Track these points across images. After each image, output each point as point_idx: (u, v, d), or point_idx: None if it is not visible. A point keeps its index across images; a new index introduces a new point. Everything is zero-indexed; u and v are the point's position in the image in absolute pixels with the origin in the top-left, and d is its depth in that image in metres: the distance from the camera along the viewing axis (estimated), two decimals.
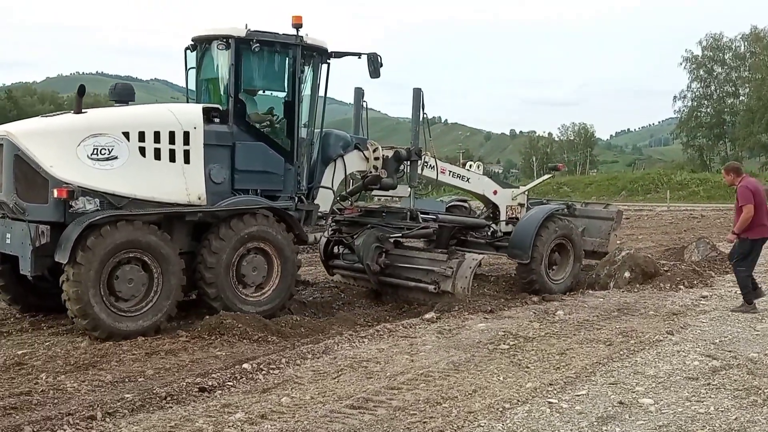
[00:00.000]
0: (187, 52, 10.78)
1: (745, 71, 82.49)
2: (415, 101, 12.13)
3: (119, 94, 10.02)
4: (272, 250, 9.92)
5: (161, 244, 9.01)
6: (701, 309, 10.20)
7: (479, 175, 13.40)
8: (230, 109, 10.03)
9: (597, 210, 14.59)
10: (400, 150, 12.05)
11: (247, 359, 7.52)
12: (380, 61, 10.86)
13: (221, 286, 9.46)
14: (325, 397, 6.29)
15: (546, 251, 12.21)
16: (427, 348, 7.98)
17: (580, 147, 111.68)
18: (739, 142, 79.86)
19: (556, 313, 9.83)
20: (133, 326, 8.76)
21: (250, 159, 10.11)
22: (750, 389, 6.46)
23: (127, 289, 8.81)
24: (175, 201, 9.40)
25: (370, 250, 11.45)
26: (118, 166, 8.99)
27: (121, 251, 8.73)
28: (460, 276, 10.73)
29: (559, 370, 7.13)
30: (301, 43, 10.33)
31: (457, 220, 13.12)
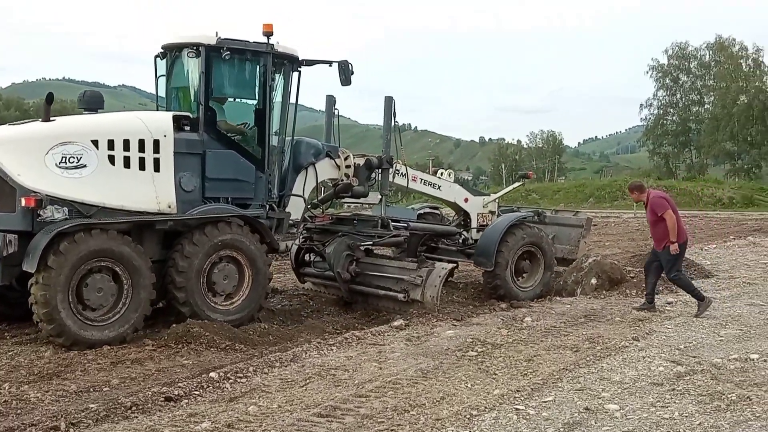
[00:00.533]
0: (157, 59, 10.70)
1: (709, 80, 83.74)
2: (387, 110, 12.14)
3: (88, 102, 9.92)
4: (244, 259, 9.84)
5: (133, 255, 8.92)
6: (666, 315, 10.33)
7: (450, 183, 13.44)
8: (200, 117, 9.96)
9: (566, 217, 14.68)
10: (371, 158, 12.04)
11: (214, 368, 7.47)
12: (351, 69, 10.85)
13: (191, 291, 9.33)
14: (293, 405, 6.26)
15: (512, 258, 12.17)
16: (396, 355, 7.99)
17: (548, 154, 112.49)
18: (704, 149, 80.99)
19: (524, 320, 9.89)
20: (98, 335, 8.63)
21: (220, 167, 10.05)
22: (714, 394, 6.54)
23: (95, 298, 8.70)
24: (144, 209, 9.32)
25: (340, 258, 11.39)
26: (86, 174, 8.92)
27: (93, 259, 8.64)
28: (429, 285, 10.68)
29: (527, 377, 7.18)
30: (272, 51, 10.29)
31: (428, 227, 13.09)
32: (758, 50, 79.36)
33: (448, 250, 13.17)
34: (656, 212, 10.41)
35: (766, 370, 7.42)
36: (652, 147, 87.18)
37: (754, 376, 7.17)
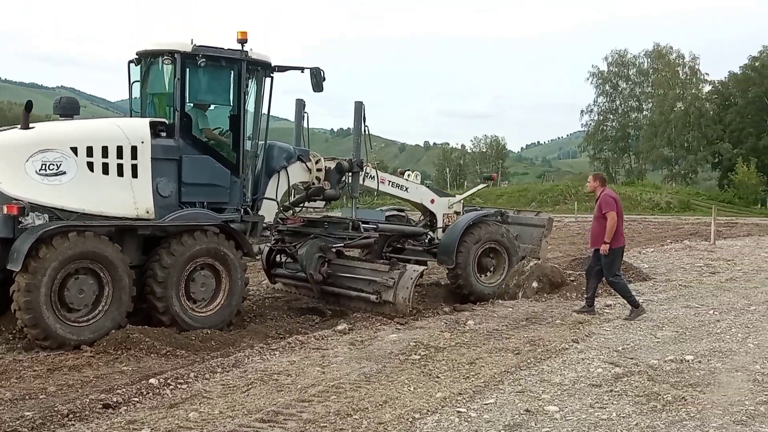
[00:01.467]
0: (131, 65, 10.78)
1: (648, 87, 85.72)
2: (357, 114, 12.41)
3: (64, 108, 10.03)
4: (221, 267, 9.96)
5: (115, 258, 9.04)
6: (605, 317, 10.52)
7: (417, 185, 13.81)
8: (176, 123, 10.04)
9: (528, 217, 15.11)
10: (342, 162, 12.27)
11: (154, 374, 7.35)
12: (323, 76, 11.05)
13: (169, 298, 9.45)
14: (235, 411, 6.20)
15: (473, 256, 12.70)
16: (339, 359, 7.97)
17: (492, 159, 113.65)
18: (643, 155, 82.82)
19: (466, 323, 9.96)
20: (81, 336, 8.76)
21: (196, 172, 10.17)
22: (650, 395, 6.68)
23: (77, 299, 8.82)
24: (123, 215, 9.46)
25: (313, 259, 11.63)
26: (66, 181, 9.06)
27: (75, 261, 8.76)
28: (401, 287, 10.88)
29: (469, 380, 7.23)
30: (246, 57, 10.45)
31: (397, 229, 13.55)
32: (695, 58, 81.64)
33: (414, 250, 13.59)
34: (602, 209, 10.61)
35: (701, 371, 7.61)
36: (592, 152, 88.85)
37: (689, 377, 7.35)
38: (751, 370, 7.62)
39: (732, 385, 7.09)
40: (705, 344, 8.88)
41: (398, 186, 13.40)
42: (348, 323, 9.97)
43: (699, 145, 76.64)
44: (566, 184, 68.15)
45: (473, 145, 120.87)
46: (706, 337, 9.34)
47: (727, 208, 57.74)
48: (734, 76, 78.22)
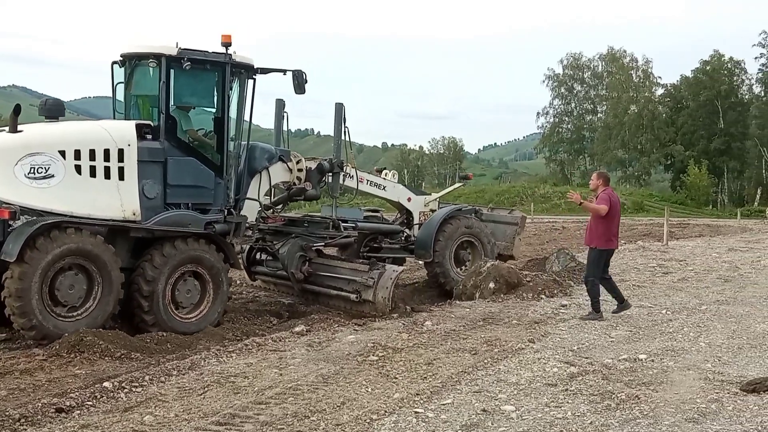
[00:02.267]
0: (115, 66, 10.80)
1: (602, 89, 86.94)
2: (337, 116, 12.57)
3: (49, 110, 10.02)
4: (207, 272, 10.13)
5: (108, 257, 9.20)
6: (561, 317, 10.63)
7: (394, 184, 14.14)
8: (161, 126, 10.16)
9: (502, 215, 15.60)
10: (323, 162, 12.50)
11: (108, 377, 7.25)
12: (305, 78, 11.17)
13: (156, 303, 9.61)
14: (191, 414, 6.14)
15: (450, 248, 13.28)
16: (297, 361, 7.94)
17: (449, 160, 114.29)
18: (597, 156, 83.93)
19: (424, 324, 10.00)
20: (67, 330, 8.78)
21: (181, 174, 10.27)
22: (604, 394, 6.77)
23: (67, 294, 8.97)
24: (111, 217, 9.58)
25: (294, 258, 11.81)
26: (54, 184, 9.17)
27: (69, 257, 8.91)
28: (381, 286, 11.06)
29: (426, 380, 7.26)
30: (229, 60, 10.54)
31: (375, 227, 13.91)
32: (648, 62, 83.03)
33: (391, 248, 13.90)
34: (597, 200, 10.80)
35: (654, 369, 7.74)
36: (548, 154, 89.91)
37: (642, 376, 7.46)
38: (703, 369, 7.77)
39: (684, 383, 7.22)
40: (658, 343, 9.03)
41: (376, 185, 13.75)
42: (305, 325, 9.94)
43: (652, 147, 77.95)
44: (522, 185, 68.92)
45: (431, 146, 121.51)
46: (658, 336, 9.49)
47: (680, 210, 58.87)
48: (686, 79, 79.74)
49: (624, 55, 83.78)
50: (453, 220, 13.46)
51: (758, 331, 9.80)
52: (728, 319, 10.63)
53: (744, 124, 73.75)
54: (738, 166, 74.33)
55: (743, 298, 12.58)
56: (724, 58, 77.55)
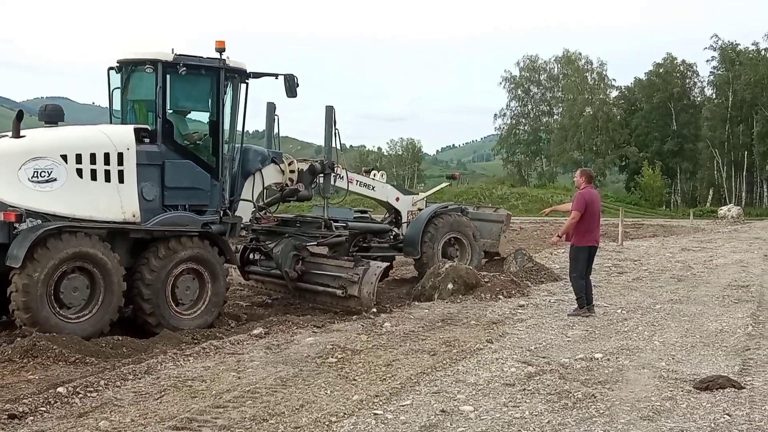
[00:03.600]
0: (111, 72, 11.10)
1: (558, 92, 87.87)
2: (328, 118, 12.98)
3: (49, 115, 10.27)
4: (205, 270, 10.40)
5: (109, 259, 9.45)
6: (518, 318, 10.71)
7: (383, 184, 14.59)
8: (158, 130, 10.44)
9: (487, 213, 16.04)
10: (315, 163, 12.90)
11: (62, 382, 7.11)
12: (297, 82, 11.49)
13: (156, 301, 9.89)
14: (147, 419, 6.07)
15: (437, 245, 13.83)
16: (255, 364, 7.89)
17: (408, 162, 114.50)
18: (554, 158, 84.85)
19: (383, 325, 10.01)
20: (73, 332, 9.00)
21: (178, 176, 10.57)
22: (561, 393, 6.84)
23: (71, 296, 9.24)
24: (111, 219, 9.86)
25: (288, 257, 12.07)
26: (57, 187, 9.45)
27: (73, 260, 9.17)
28: (365, 282, 11.33)
29: (385, 382, 7.26)
30: (223, 65, 10.86)
31: (365, 226, 14.30)
32: (602, 64, 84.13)
33: (380, 247, 14.30)
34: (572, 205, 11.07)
35: (609, 368, 7.84)
36: (505, 155, 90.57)
37: (598, 375, 7.55)
38: (657, 367, 7.89)
39: (639, 381, 7.33)
40: (613, 342, 9.15)
41: (366, 185, 14.17)
42: (264, 327, 9.88)
43: (607, 148, 79.02)
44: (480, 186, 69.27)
45: (389, 147, 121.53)
46: (614, 335, 9.62)
47: (634, 210, 59.78)
48: (640, 81, 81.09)
49: (579, 57, 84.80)
50: (439, 218, 14.00)
51: (711, 329, 9.99)
52: (681, 318, 10.81)
53: (696, 125, 75.19)
54: (690, 167, 75.77)
55: (696, 297, 12.80)
56: (676, 60, 79.07)
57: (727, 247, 24.34)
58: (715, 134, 70.97)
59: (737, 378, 7.35)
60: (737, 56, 71.77)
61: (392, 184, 15.53)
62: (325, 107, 13.05)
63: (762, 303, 12.29)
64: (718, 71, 73.74)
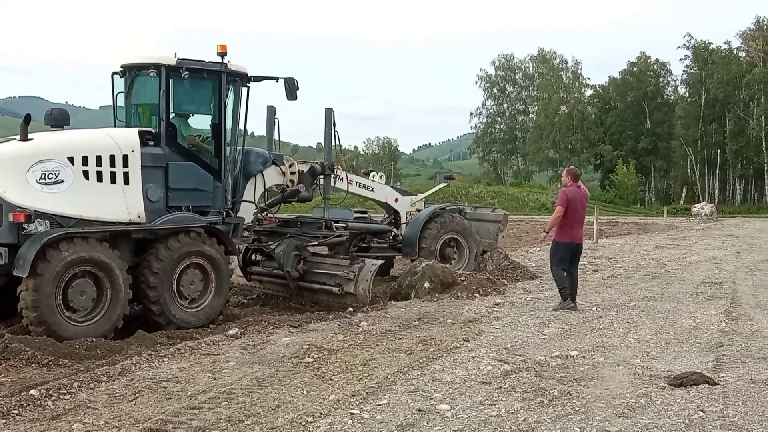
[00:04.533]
0: (115, 77, 11.37)
1: (533, 90, 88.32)
2: (327, 120, 13.22)
3: (55, 119, 10.45)
4: (209, 265, 10.62)
5: (113, 261, 9.60)
6: (495, 316, 10.74)
7: (382, 185, 14.82)
8: (162, 132, 10.67)
9: (485, 213, 16.30)
10: (315, 165, 13.18)
11: (35, 385, 7.03)
12: (297, 85, 11.77)
13: (162, 295, 10.12)
14: (121, 421, 6.01)
15: (435, 246, 14.03)
16: (231, 365, 7.84)
17: (384, 161, 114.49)
18: (530, 156, 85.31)
19: (360, 325, 9.98)
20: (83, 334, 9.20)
21: (182, 178, 10.82)
22: (537, 391, 6.86)
23: (79, 300, 9.36)
24: (117, 220, 10.09)
25: (289, 257, 12.26)
26: (64, 189, 9.64)
27: (78, 265, 9.31)
28: (361, 279, 11.63)
29: (362, 381, 7.24)
30: (225, 69, 11.10)
31: (364, 227, 14.58)
32: (577, 63, 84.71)
33: (380, 247, 14.54)
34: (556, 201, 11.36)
35: (585, 366, 7.88)
36: (481, 154, 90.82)
37: (573, 372, 7.59)
38: (632, 364, 7.94)
39: (614, 378, 7.37)
40: (589, 340, 9.20)
41: (365, 186, 14.39)
42: (240, 327, 9.83)
43: (582, 147, 79.57)
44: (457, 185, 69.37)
45: (366, 146, 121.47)
46: (589, 333, 9.67)
47: (609, 208, 60.20)
48: (614, 80, 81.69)
49: (554, 56, 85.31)
50: (437, 219, 14.19)
51: (685, 326, 10.07)
52: (656, 315, 10.90)
53: (670, 124, 75.88)
54: (664, 165, 76.47)
55: (670, 294, 12.91)
56: (650, 59, 79.78)
57: (701, 245, 24.60)
58: (688, 132, 71.65)
59: (711, 374, 7.42)
60: (710, 55, 72.51)
61: (390, 185, 15.81)
62: (324, 110, 13.30)
63: (735, 300, 12.43)
64: (691, 70, 74.51)
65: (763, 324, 10.26)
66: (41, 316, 9.02)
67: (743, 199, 70.19)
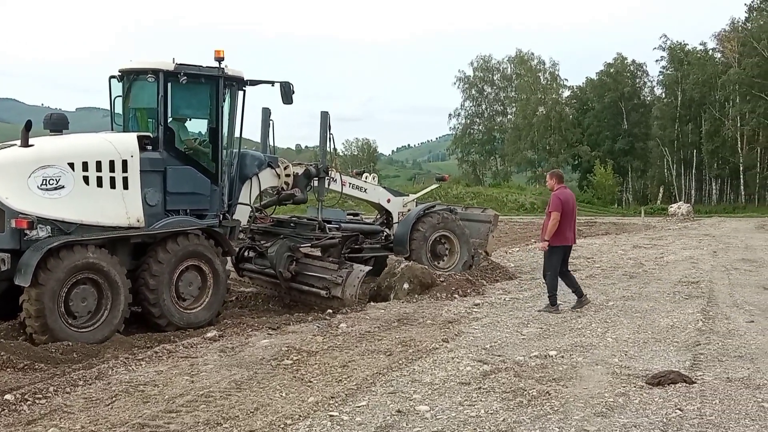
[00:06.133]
0: (113, 81, 11.42)
1: (512, 91, 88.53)
2: (323, 123, 13.37)
3: (54, 124, 10.47)
4: (206, 266, 10.76)
5: (112, 266, 9.69)
6: (474, 316, 10.75)
7: (375, 186, 14.98)
8: (160, 137, 10.76)
9: (476, 213, 16.53)
10: (309, 168, 13.36)
11: (10, 389, 6.94)
12: (292, 89, 11.95)
13: (161, 296, 10.24)
14: (98, 425, 5.94)
15: (426, 243, 14.21)
16: (209, 367, 7.79)
17: (363, 162, 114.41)
18: (508, 157, 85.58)
19: (339, 326, 9.95)
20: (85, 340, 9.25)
21: (180, 182, 10.92)
22: (516, 391, 6.87)
23: (80, 306, 9.46)
24: (117, 224, 10.17)
25: (282, 258, 12.40)
26: (65, 194, 9.71)
27: (78, 272, 9.40)
28: (348, 284, 11.78)
29: (341, 383, 7.22)
30: (222, 74, 11.20)
31: (358, 227, 14.66)
32: (554, 64, 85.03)
33: (373, 247, 14.64)
34: (549, 206, 11.30)
35: (564, 365, 7.90)
36: (461, 155, 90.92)
37: (552, 372, 7.61)
38: (610, 363, 7.97)
39: (593, 378, 7.40)
40: (567, 340, 9.23)
41: (358, 188, 14.58)
42: (218, 330, 9.78)
43: (560, 147, 79.91)
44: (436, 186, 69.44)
45: (345, 147, 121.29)
46: (568, 332, 9.70)
47: (587, 208, 60.47)
48: (591, 81, 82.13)
49: (532, 57, 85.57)
50: (427, 217, 14.34)
51: (662, 325, 10.14)
52: (634, 314, 10.96)
53: (646, 124, 76.40)
54: (641, 165, 76.99)
55: (648, 294, 12.99)
56: (627, 60, 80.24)
57: (678, 244, 24.78)
58: (664, 133, 72.18)
59: (688, 373, 7.47)
60: (686, 56, 73.07)
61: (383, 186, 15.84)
62: (320, 113, 13.41)
63: (712, 299, 12.53)
64: (667, 71, 75.01)
65: (740, 323, 10.35)
66: (45, 325, 9.05)
67: (719, 198, 70.76)
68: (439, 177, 20.35)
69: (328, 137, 13.48)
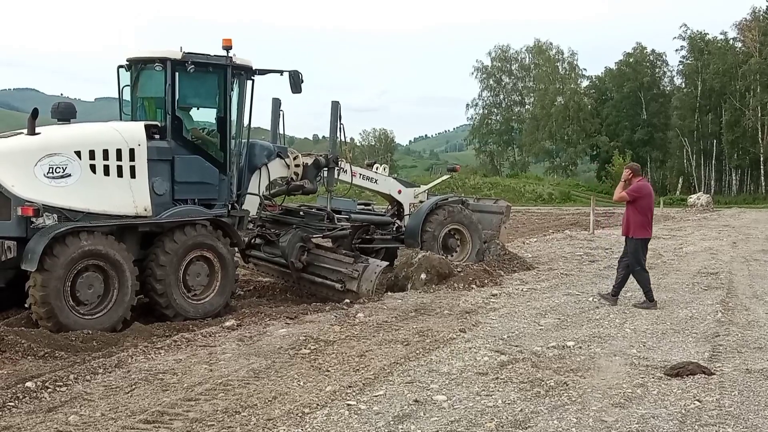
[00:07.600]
0: (121, 70, 11.44)
1: (530, 81, 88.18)
2: (333, 113, 13.25)
3: (62, 113, 10.52)
4: (214, 256, 10.76)
5: (119, 254, 9.70)
6: (491, 307, 10.73)
7: (385, 177, 14.90)
8: (168, 126, 10.74)
9: (488, 205, 16.65)
10: (319, 158, 13.24)
11: (31, 377, 7.02)
12: (301, 78, 11.85)
13: (169, 286, 10.24)
14: (117, 413, 6.00)
15: (438, 236, 14.15)
16: (227, 356, 7.84)
17: (381, 152, 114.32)
18: (526, 147, 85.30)
19: (356, 316, 9.97)
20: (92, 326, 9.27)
21: (188, 171, 10.90)
22: (534, 381, 6.87)
23: (87, 293, 9.47)
24: (124, 213, 10.18)
25: (294, 248, 12.36)
26: (71, 183, 9.71)
27: (85, 259, 9.40)
28: (365, 279, 11.72)
29: (359, 372, 7.24)
30: (230, 63, 11.15)
31: (368, 219, 14.73)
32: (573, 54, 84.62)
33: (384, 238, 14.66)
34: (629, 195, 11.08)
35: (581, 356, 7.89)
36: (478, 145, 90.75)
37: (570, 363, 7.60)
38: (628, 354, 7.95)
39: (610, 369, 7.38)
40: (585, 330, 9.21)
41: (369, 179, 14.50)
42: (236, 319, 9.82)
43: (578, 138, 79.53)
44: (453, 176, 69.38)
45: (362, 138, 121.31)
46: (586, 323, 9.68)
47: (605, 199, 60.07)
48: (610, 71, 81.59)
49: (550, 47, 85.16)
50: (439, 210, 14.30)
51: (681, 316, 10.09)
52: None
53: (666, 114, 75.87)
54: (660, 156, 76.46)
55: (666, 285, 12.92)
56: (646, 50, 79.63)
57: (697, 235, 24.62)
58: (684, 123, 71.62)
59: (707, 364, 7.44)
60: (706, 45, 72.41)
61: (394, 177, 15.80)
62: (331, 102, 13.32)
63: (731, 290, 12.46)
64: (687, 61, 74.38)
65: (759, 314, 10.29)
66: (50, 311, 9.07)
67: (739, 189, 70.17)
68: (451, 167, 20.20)
69: (339, 127, 13.39)
